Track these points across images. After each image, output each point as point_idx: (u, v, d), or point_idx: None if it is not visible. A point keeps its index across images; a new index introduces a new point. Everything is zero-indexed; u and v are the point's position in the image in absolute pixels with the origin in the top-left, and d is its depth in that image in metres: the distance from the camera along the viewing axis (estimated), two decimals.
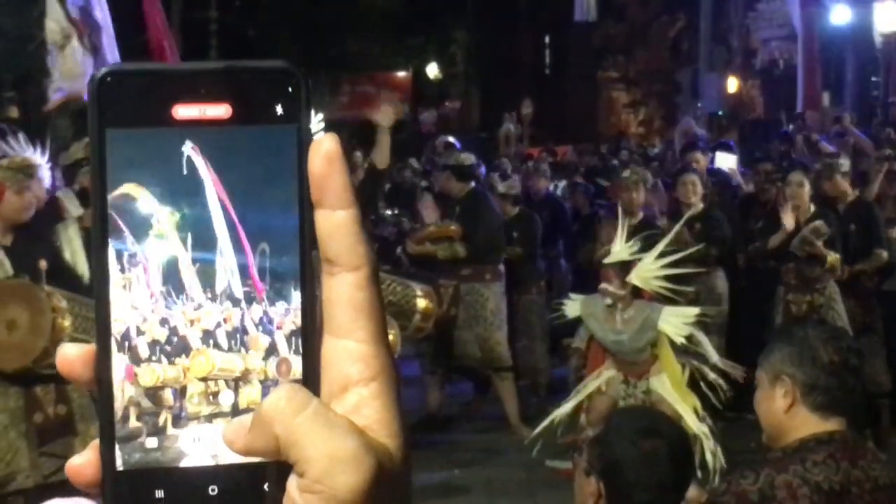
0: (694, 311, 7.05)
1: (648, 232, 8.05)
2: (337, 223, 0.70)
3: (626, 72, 32.97)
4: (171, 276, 0.72)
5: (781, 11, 20.26)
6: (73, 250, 6.37)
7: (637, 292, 7.07)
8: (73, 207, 6.67)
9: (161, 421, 0.71)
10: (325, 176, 0.70)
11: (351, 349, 0.70)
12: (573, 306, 7.28)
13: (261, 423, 0.68)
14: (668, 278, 7.03)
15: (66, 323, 5.81)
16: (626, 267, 7.01)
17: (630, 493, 3.07)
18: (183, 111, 0.70)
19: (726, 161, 12.43)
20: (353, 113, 29.88)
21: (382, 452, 0.69)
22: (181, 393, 0.72)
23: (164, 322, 0.72)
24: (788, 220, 8.81)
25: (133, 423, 0.71)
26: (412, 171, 16.21)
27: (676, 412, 6.85)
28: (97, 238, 0.70)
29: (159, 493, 0.70)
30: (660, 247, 7.08)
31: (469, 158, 10.26)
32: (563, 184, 14.34)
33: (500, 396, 9.75)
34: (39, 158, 6.42)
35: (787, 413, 3.14)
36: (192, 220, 0.71)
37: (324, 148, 0.70)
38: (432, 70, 31.94)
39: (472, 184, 9.97)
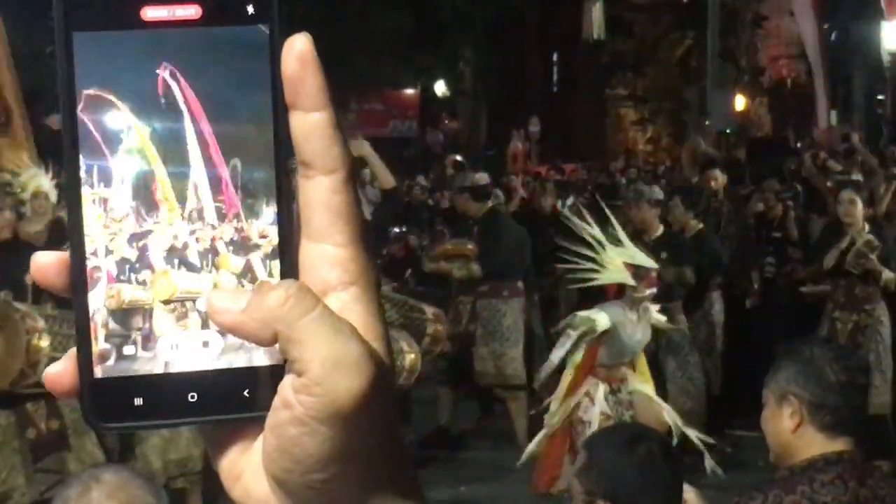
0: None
1: (675, 241, 8.36)
2: (312, 125, 0.68)
3: (634, 89, 32.97)
4: (141, 192, 0.70)
5: (789, 29, 20.26)
6: None
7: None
8: None
9: (136, 332, 0.70)
10: (299, 77, 0.68)
11: (329, 253, 0.69)
12: (601, 319, 7.43)
13: (261, 311, 0.66)
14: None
15: (44, 343, 5.70)
16: (646, 271, 7.49)
17: (637, 501, 3.05)
18: (152, 13, 0.69)
19: None
20: (362, 130, 29.96)
21: (377, 358, 0.68)
22: (149, 314, 0.70)
23: (132, 239, 0.70)
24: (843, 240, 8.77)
25: (109, 331, 0.69)
26: (420, 188, 16.24)
27: (659, 408, 7.21)
28: (68, 146, 0.69)
29: (138, 401, 0.69)
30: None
31: (484, 178, 10.33)
32: (569, 201, 14.34)
33: (510, 413, 9.74)
34: (44, 177, 6.43)
35: (795, 433, 3.12)
36: (163, 131, 0.69)
37: (296, 48, 0.68)
38: (440, 88, 31.97)
39: (489, 203, 10.02)
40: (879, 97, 23.00)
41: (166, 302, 0.70)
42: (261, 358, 0.70)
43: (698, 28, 28.70)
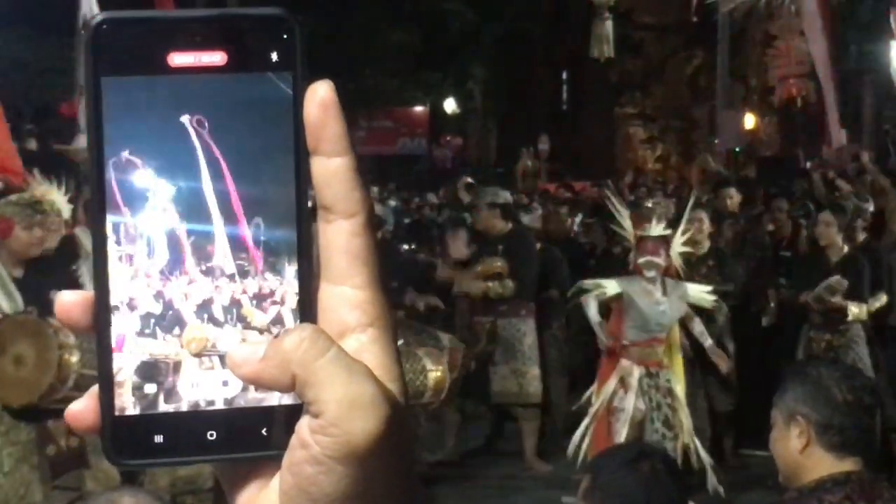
0: (708, 288, 8.00)
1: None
2: (333, 170, 0.70)
3: (643, 108, 32.99)
4: (166, 249, 0.72)
5: (799, 49, 20.27)
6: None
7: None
8: (90, 244, 6.67)
9: (159, 370, 0.71)
10: (321, 123, 0.70)
11: (348, 295, 0.70)
12: (611, 285, 7.53)
13: (278, 357, 0.68)
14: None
15: (74, 359, 5.74)
16: (664, 241, 7.70)
17: None
18: (178, 59, 0.70)
19: None
20: (371, 148, 30.01)
21: (393, 399, 0.69)
22: (175, 367, 0.72)
23: (158, 296, 0.71)
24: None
25: (131, 372, 0.71)
26: (430, 206, 16.23)
27: (682, 420, 7.22)
28: (96, 201, 0.70)
29: (158, 438, 0.71)
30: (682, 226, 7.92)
31: (507, 196, 10.30)
32: (578, 218, 14.33)
33: (521, 430, 9.73)
34: (55, 193, 6.43)
35: (803, 453, 3.12)
36: (187, 187, 0.71)
37: (319, 94, 0.70)
38: (450, 105, 32.02)
39: (511, 223, 9.96)
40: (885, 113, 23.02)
41: (195, 355, 0.72)
42: (278, 397, 0.71)
43: (708, 47, 28.75)
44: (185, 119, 0.70)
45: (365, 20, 27.34)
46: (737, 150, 24.42)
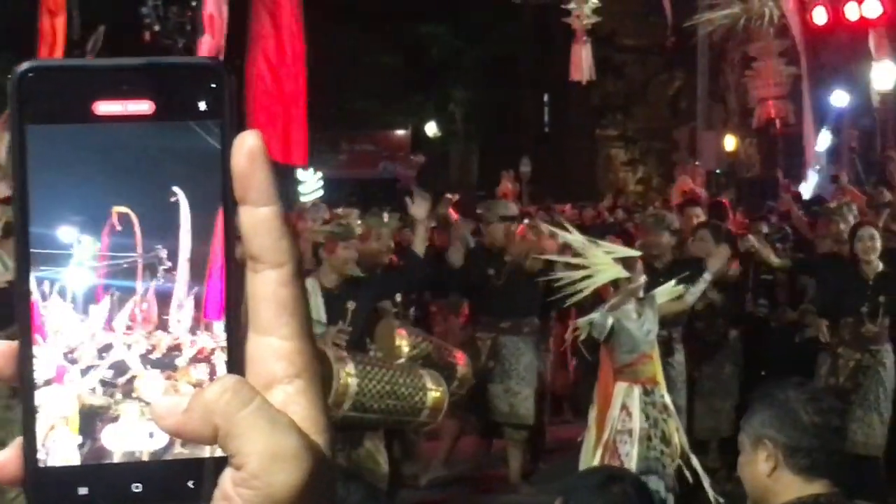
0: (671, 284, 8.05)
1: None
2: (261, 219, 0.70)
3: (625, 130, 33.11)
4: (93, 300, 0.71)
5: (777, 70, 20.35)
6: None
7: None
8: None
9: (85, 423, 0.71)
10: (248, 172, 0.69)
11: (275, 346, 0.70)
12: (605, 318, 7.54)
13: (201, 409, 0.67)
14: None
15: None
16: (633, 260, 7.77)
17: None
18: (105, 107, 0.70)
19: None
20: (352, 171, 30.00)
21: (317, 451, 0.69)
22: (101, 418, 0.71)
23: (81, 348, 0.71)
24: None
25: (57, 424, 0.71)
26: (411, 228, 16.15)
27: (678, 435, 7.28)
28: (19, 232, 0.69)
29: (83, 490, 0.70)
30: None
31: (516, 210, 10.41)
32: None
33: (508, 451, 9.66)
34: None
35: (771, 477, 3.11)
36: (113, 241, 0.70)
37: (247, 144, 0.70)
38: (431, 128, 32.04)
39: None
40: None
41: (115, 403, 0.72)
42: (205, 449, 0.71)
43: (688, 69, 28.89)
44: (111, 169, 0.69)
45: (348, 43, 27.36)
46: (717, 171, 24.51)
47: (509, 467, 9.61)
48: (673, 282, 8.10)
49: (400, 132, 31.96)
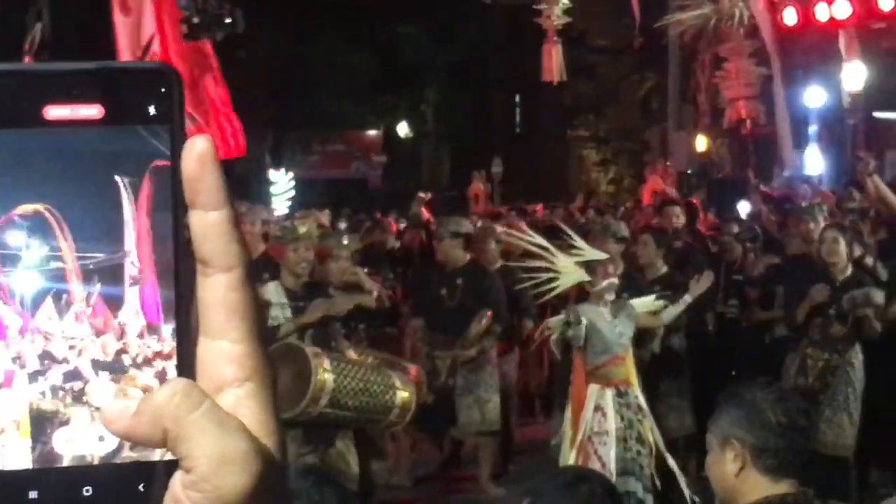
0: (651, 298, 8.18)
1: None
2: (210, 223, 0.70)
3: (596, 130, 33.18)
4: (45, 303, 0.71)
5: (748, 71, 20.44)
6: None
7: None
8: None
9: (35, 427, 0.71)
10: (198, 176, 0.69)
11: (225, 350, 0.70)
12: (580, 325, 7.57)
13: (150, 412, 0.67)
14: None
15: None
16: (611, 261, 7.90)
17: None
18: (54, 111, 0.69)
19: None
20: (324, 171, 29.99)
21: (267, 454, 0.69)
22: (51, 422, 0.71)
23: (34, 353, 0.71)
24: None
25: (7, 428, 0.70)
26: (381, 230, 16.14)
27: (652, 435, 7.54)
28: None
29: (33, 494, 0.69)
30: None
31: (469, 226, 10.15)
32: None
33: (478, 456, 9.64)
34: None
35: (738, 477, 3.12)
36: (62, 244, 0.70)
37: (196, 148, 0.70)
38: (403, 128, 32.06)
39: (469, 254, 9.69)
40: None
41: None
42: (155, 453, 0.71)
43: (659, 70, 28.97)
44: (59, 172, 0.69)
45: (320, 44, 27.35)
46: (689, 172, 24.57)
47: (480, 471, 9.59)
48: (653, 297, 8.13)
49: (372, 132, 31.98)
